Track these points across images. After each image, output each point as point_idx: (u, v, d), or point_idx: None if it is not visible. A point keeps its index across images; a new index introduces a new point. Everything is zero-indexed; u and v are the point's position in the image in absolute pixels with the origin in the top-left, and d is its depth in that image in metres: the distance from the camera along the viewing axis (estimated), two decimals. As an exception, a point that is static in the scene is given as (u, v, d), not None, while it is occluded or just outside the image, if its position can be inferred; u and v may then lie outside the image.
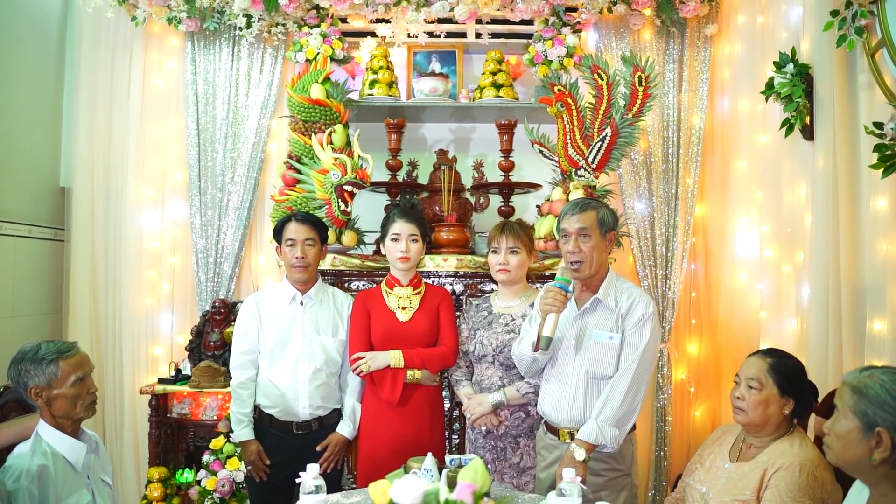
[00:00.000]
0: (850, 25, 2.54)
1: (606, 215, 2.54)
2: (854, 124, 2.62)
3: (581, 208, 2.53)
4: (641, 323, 2.48)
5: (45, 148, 3.97)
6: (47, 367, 2.11)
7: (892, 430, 1.54)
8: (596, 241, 2.50)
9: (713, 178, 3.96)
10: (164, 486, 3.49)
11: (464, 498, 1.23)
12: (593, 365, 2.49)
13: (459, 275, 3.53)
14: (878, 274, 2.47)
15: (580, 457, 2.33)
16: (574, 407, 2.50)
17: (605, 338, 2.49)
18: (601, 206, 2.57)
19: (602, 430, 2.38)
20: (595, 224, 2.50)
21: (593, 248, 2.49)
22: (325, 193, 3.34)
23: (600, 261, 2.53)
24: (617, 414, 2.40)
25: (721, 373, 3.88)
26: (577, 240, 2.50)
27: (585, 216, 2.51)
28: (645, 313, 2.49)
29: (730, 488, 2.10)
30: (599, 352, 2.49)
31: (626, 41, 3.92)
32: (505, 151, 3.84)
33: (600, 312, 2.54)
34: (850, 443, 1.62)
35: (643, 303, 2.51)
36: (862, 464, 1.61)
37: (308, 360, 2.88)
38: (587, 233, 2.49)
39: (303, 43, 3.75)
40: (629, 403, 2.41)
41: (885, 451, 1.56)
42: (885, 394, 1.56)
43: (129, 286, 3.97)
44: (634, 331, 2.47)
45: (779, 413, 2.12)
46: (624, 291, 2.54)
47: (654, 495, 3.86)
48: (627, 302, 2.51)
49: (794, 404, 2.12)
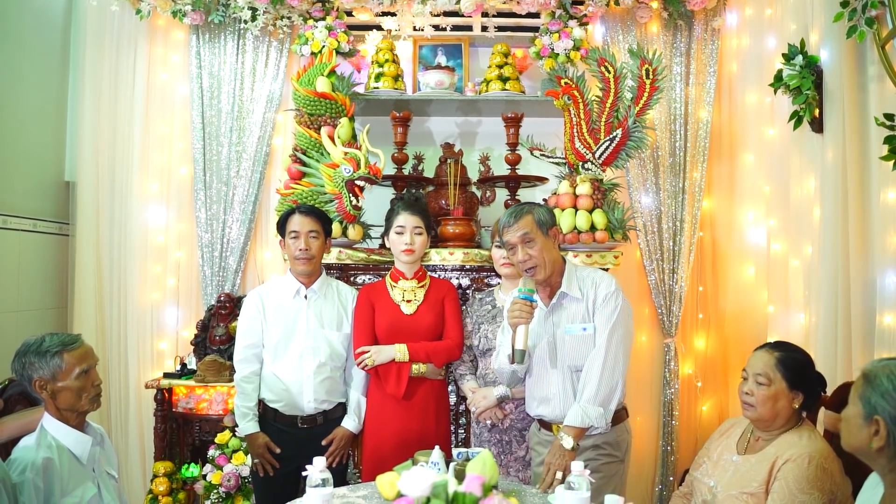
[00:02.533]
0: (860, 16, 2.52)
1: (542, 214, 2.52)
2: (864, 116, 2.61)
3: (516, 217, 2.50)
4: (606, 300, 2.48)
5: (49, 142, 3.96)
6: (51, 359, 2.10)
7: (889, 419, 1.56)
8: (541, 242, 2.48)
9: (720, 172, 3.94)
10: (170, 481, 3.48)
11: (473, 490, 1.22)
12: (573, 359, 2.49)
13: (466, 268, 3.52)
14: (888, 267, 2.46)
15: (568, 445, 2.32)
16: (565, 403, 2.48)
17: (577, 330, 2.49)
18: (534, 208, 2.54)
19: (586, 412, 2.35)
20: (534, 227, 2.48)
21: (541, 249, 2.47)
22: (336, 188, 3.33)
23: (552, 258, 2.51)
24: (598, 392, 2.38)
25: (728, 367, 3.87)
26: (523, 248, 2.47)
27: (522, 223, 2.48)
28: (608, 291, 2.49)
29: (738, 481, 2.09)
30: (575, 345, 2.49)
31: (633, 34, 3.90)
32: (511, 145, 3.82)
33: (569, 305, 2.53)
34: (853, 428, 1.65)
35: (605, 282, 2.52)
36: (865, 450, 1.62)
37: (313, 354, 2.87)
38: (529, 237, 2.47)
39: (308, 36, 3.74)
40: (608, 380, 2.40)
41: (881, 439, 1.57)
42: (889, 384, 1.58)
43: (135, 281, 3.97)
44: (603, 307, 2.48)
45: (788, 407, 2.10)
46: (586, 279, 2.54)
47: (662, 490, 3.85)
48: (592, 288, 2.51)
49: (804, 398, 2.11)
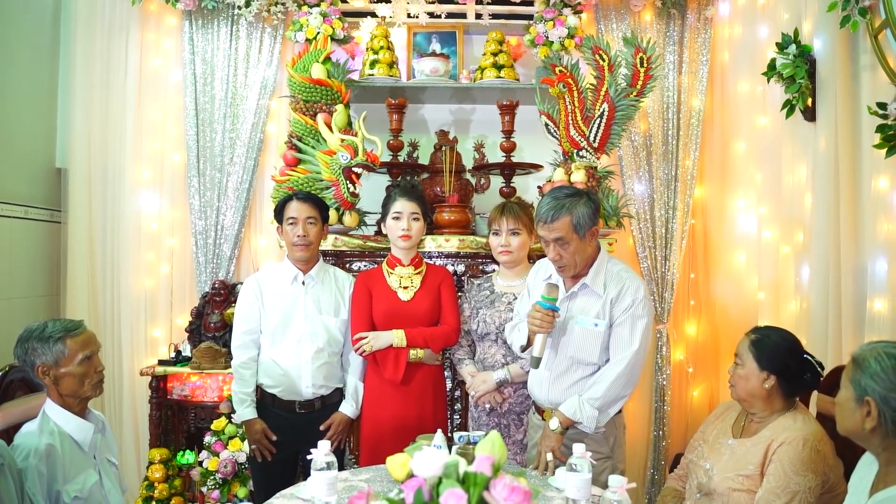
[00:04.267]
0: (853, 6, 2.55)
1: (582, 217, 2.34)
2: (856, 105, 2.64)
3: (553, 216, 2.34)
4: (634, 308, 2.39)
5: (41, 128, 3.93)
6: (54, 345, 2.10)
7: (880, 400, 1.60)
8: (575, 245, 2.36)
9: (712, 160, 3.98)
10: (166, 468, 3.49)
11: (484, 470, 1.24)
12: (577, 351, 2.44)
13: (461, 255, 3.54)
14: (878, 253, 2.50)
15: (553, 426, 2.34)
16: (554, 389, 2.48)
17: (589, 324, 2.42)
18: (575, 207, 2.35)
19: (581, 408, 2.34)
20: (570, 231, 2.34)
21: (574, 252, 2.37)
22: (333, 175, 3.33)
23: (585, 256, 2.43)
24: (603, 397, 2.35)
25: (719, 353, 3.92)
26: (555, 247, 2.37)
27: (559, 224, 2.34)
28: (636, 298, 2.40)
29: (734, 464, 2.13)
30: (583, 338, 2.43)
31: (627, 22, 3.92)
32: (506, 132, 3.83)
33: (586, 297, 2.46)
34: (846, 411, 1.68)
35: (633, 287, 2.41)
36: (859, 432, 1.66)
37: (311, 339, 2.88)
38: (564, 242, 2.36)
39: (302, 22, 3.72)
40: (618, 390, 2.36)
41: (872, 420, 1.61)
42: (877, 365, 1.61)
43: (128, 268, 3.96)
44: (627, 316, 2.39)
45: (759, 387, 2.12)
46: (614, 276, 2.44)
47: (654, 474, 3.90)
48: (616, 287, 2.41)
49: (777, 379, 2.11)
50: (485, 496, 1.21)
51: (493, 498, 1.21)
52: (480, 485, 1.22)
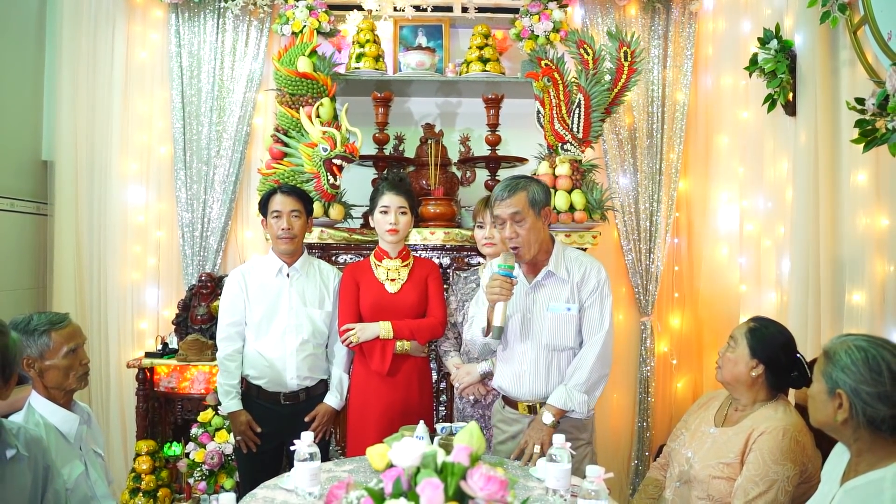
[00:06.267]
0: (833, 2, 2.58)
1: (536, 193, 2.44)
2: (836, 100, 2.67)
3: (510, 191, 2.43)
4: (600, 288, 2.49)
5: (26, 121, 3.91)
6: (39, 337, 2.11)
7: (851, 392, 1.62)
8: (531, 222, 2.42)
9: (696, 154, 4.01)
10: (153, 459, 3.50)
11: (461, 460, 1.26)
12: (553, 337, 2.48)
13: (446, 248, 3.56)
14: (857, 247, 2.54)
15: (548, 420, 2.36)
16: (536, 381, 2.50)
17: (562, 309, 2.48)
18: (530, 184, 2.47)
19: (570, 396, 2.40)
20: (526, 205, 2.41)
21: (529, 229, 2.42)
22: (314, 167, 3.35)
23: (540, 239, 2.47)
24: (588, 380, 2.42)
25: (702, 345, 3.96)
26: (511, 225, 2.42)
27: (516, 199, 2.41)
28: (599, 279, 2.49)
29: (715, 452, 2.17)
30: (558, 323, 2.48)
31: (612, 17, 3.94)
32: (492, 126, 3.85)
33: (554, 284, 2.51)
34: (818, 404, 1.70)
35: (594, 268, 2.51)
36: (831, 424, 1.68)
37: (295, 331, 2.89)
38: (520, 217, 2.41)
39: (289, 16, 3.72)
40: (600, 370, 2.44)
41: (844, 412, 1.63)
42: (847, 358, 1.64)
43: (115, 260, 3.96)
44: (594, 299, 2.48)
45: (746, 374, 2.17)
46: (574, 261, 2.52)
47: (637, 465, 3.95)
48: (580, 271, 2.50)
49: (764, 369, 2.16)
50: (461, 486, 1.23)
51: (469, 487, 1.22)
52: (457, 474, 1.24)
